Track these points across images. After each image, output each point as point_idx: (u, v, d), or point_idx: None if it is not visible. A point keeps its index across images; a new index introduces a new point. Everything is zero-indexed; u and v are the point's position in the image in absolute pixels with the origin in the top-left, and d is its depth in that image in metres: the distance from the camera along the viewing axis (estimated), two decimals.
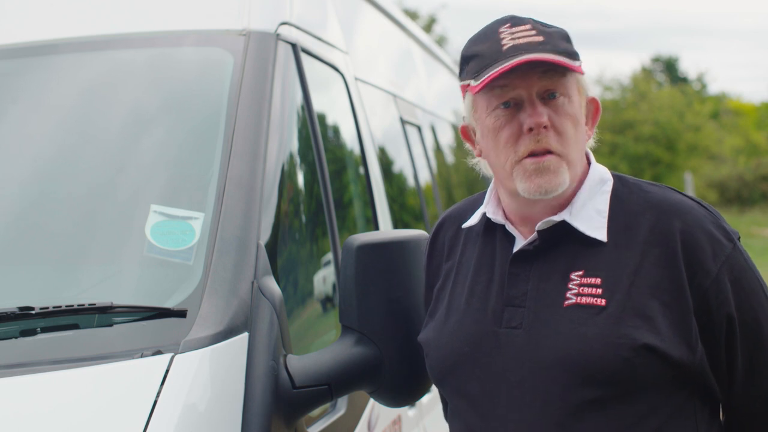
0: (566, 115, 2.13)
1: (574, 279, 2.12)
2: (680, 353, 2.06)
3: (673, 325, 2.07)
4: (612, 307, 2.07)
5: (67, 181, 2.88)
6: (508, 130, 2.14)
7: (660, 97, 38.87)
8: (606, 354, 2.05)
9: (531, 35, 2.13)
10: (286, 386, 2.43)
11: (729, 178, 39.58)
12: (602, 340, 2.05)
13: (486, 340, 2.17)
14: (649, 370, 2.05)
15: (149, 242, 2.60)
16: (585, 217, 2.16)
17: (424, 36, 6.69)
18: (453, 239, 2.36)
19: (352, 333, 2.53)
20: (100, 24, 3.21)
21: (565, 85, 2.14)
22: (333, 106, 3.65)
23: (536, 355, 2.10)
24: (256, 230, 2.60)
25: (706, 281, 2.10)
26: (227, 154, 2.72)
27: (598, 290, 2.09)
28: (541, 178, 2.11)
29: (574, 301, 2.10)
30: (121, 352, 2.33)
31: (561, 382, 2.07)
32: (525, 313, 2.14)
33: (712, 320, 2.11)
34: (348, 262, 2.54)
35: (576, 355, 2.06)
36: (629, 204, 2.18)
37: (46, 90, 3.09)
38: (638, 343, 2.04)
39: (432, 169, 5.47)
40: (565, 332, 2.08)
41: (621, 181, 2.23)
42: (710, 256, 2.11)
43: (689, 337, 2.08)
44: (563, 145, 2.12)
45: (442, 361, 2.25)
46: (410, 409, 3.76)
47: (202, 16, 3.20)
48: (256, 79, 2.91)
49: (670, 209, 2.15)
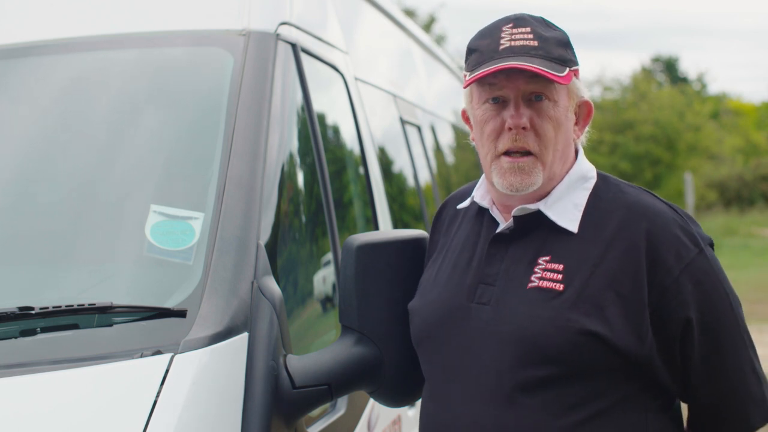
0: (548, 119, 2.27)
1: (540, 264, 2.27)
2: (627, 343, 2.18)
3: (625, 315, 2.19)
4: (568, 293, 2.21)
5: (68, 180, 2.88)
6: (492, 124, 2.30)
7: (660, 97, 38.85)
8: (555, 335, 2.19)
9: (528, 39, 2.27)
10: (286, 386, 2.43)
11: (729, 178, 39.56)
12: (553, 322, 2.19)
13: (458, 313, 2.32)
14: (595, 355, 2.18)
15: (149, 242, 2.60)
16: (560, 209, 2.30)
17: (424, 36, 6.69)
18: (452, 218, 2.53)
19: (352, 333, 2.53)
20: (100, 24, 3.21)
21: (550, 90, 2.27)
22: (333, 106, 3.66)
23: (497, 330, 2.25)
24: (256, 230, 2.60)
25: (667, 280, 2.21)
26: (227, 154, 2.72)
27: (559, 276, 2.24)
28: (514, 177, 2.27)
29: (537, 284, 2.25)
30: (121, 352, 2.33)
31: (515, 356, 2.21)
32: (494, 291, 2.29)
33: (671, 318, 2.22)
34: (348, 262, 2.54)
35: (529, 334, 2.21)
36: (605, 202, 2.31)
37: (46, 90, 3.09)
38: (585, 328, 2.18)
39: (432, 169, 5.47)
40: (524, 312, 2.23)
41: (604, 179, 2.37)
42: (673, 256, 2.23)
43: (640, 329, 2.19)
44: (541, 146, 2.27)
45: (421, 328, 2.40)
46: (410, 409, 3.77)
47: (202, 16, 3.20)
48: (256, 79, 2.91)
49: (641, 210, 2.27)
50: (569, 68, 2.28)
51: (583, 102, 2.37)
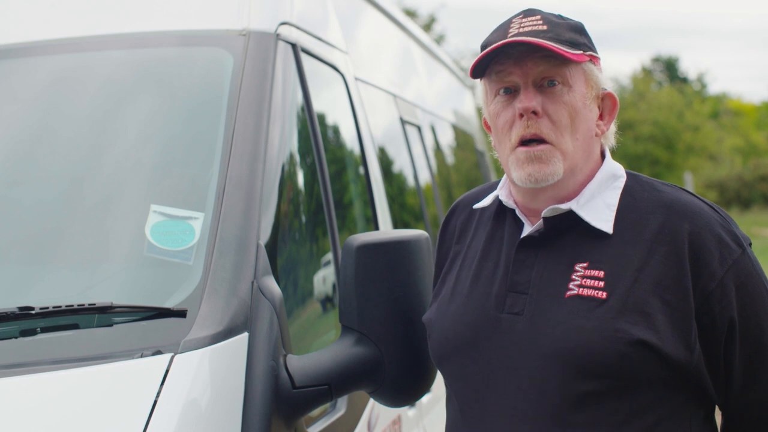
0: (562, 104, 2.13)
1: (578, 270, 2.12)
2: (677, 352, 2.06)
3: (673, 323, 2.07)
4: (612, 300, 2.08)
5: (68, 180, 2.88)
6: (504, 115, 2.17)
7: (659, 96, 38.87)
8: (602, 347, 2.05)
9: (537, 24, 2.14)
10: (286, 386, 2.43)
11: (728, 178, 39.60)
12: (599, 333, 2.06)
13: (487, 325, 2.18)
14: (645, 366, 2.06)
15: (149, 242, 2.60)
16: (593, 209, 2.16)
17: (424, 36, 6.69)
18: (465, 223, 2.39)
19: (352, 333, 2.53)
20: (100, 24, 3.21)
21: (564, 73, 2.14)
22: (333, 106, 3.65)
23: (535, 344, 2.11)
24: (256, 230, 2.60)
25: (711, 284, 2.09)
26: (227, 154, 2.72)
27: (600, 283, 2.10)
28: (532, 167, 2.13)
29: (576, 292, 2.10)
30: (121, 352, 2.33)
31: (558, 372, 2.08)
32: (527, 300, 2.14)
33: (714, 323, 2.10)
34: (348, 262, 2.54)
35: (573, 347, 2.07)
36: (640, 201, 2.18)
37: (46, 90, 3.09)
38: (634, 338, 2.04)
39: (432, 169, 5.47)
40: (565, 323, 2.09)
41: (635, 178, 2.24)
42: (717, 259, 2.10)
43: (688, 337, 2.08)
44: (556, 133, 2.13)
45: (443, 343, 2.27)
46: (410, 409, 3.76)
47: (202, 16, 3.19)
48: (256, 79, 2.91)
49: (681, 210, 2.14)
50: (583, 51, 2.15)
51: (607, 94, 2.22)
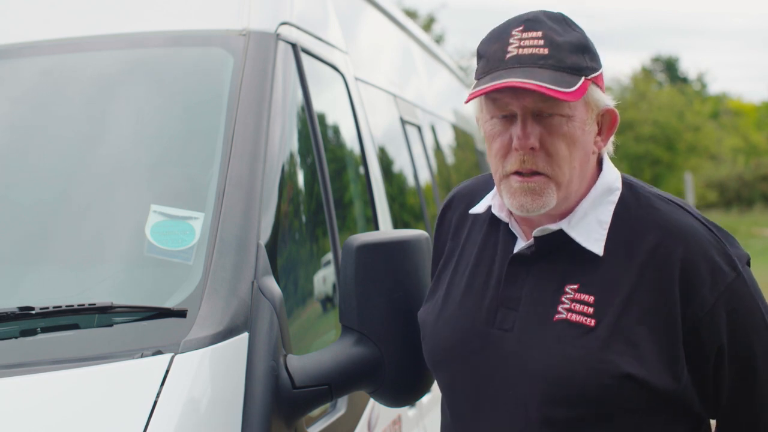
0: (560, 136, 2.08)
1: (567, 293, 2.11)
2: (663, 382, 2.05)
3: (660, 351, 2.05)
4: (600, 329, 2.06)
5: (67, 180, 2.88)
6: (500, 141, 2.12)
7: (659, 97, 38.87)
8: (587, 378, 2.05)
9: (537, 46, 2.07)
10: (286, 386, 2.43)
11: (729, 178, 39.61)
12: (586, 363, 2.05)
13: (477, 339, 2.18)
14: (630, 396, 2.05)
15: (149, 242, 2.60)
16: (584, 228, 2.13)
17: (424, 36, 6.69)
18: (459, 220, 2.37)
19: (352, 333, 2.53)
20: (100, 24, 3.21)
21: (561, 106, 2.07)
22: (333, 106, 3.65)
23: (523, 362, 2.11)
24: (256, 230, 2.59)
25: (700, 312, 2.06)
26: (227, 154, 2.72)
27: (589, 309, 2.08)
28: (525, 198, 2.10)
29: (565, 316, 2.10)
30: (121, 352, 2.33)
31: (543, 394, 2.08)
32: (517, 317, 2.14)
33: (703, 350, 2.08)
34: (348, 262, 2.54)
35: (559, 373, 2.07)
36: (635, 218, 2.14)
37: (45, 90, 3.09)
38: (621, 370, 2.03)
39: (432, 168, 5.47)
40: (552, 347, 2.09)
41: (631, 189, 2.19)
42: (708, 286, 2.07)
43: (675, 365, 2.06)
44: (553, 166, 2.09)
45: (434, 350, 2.29)
46: (410, 409, 3.76)
47: (202, 16, 3.19)
48: (256, 79, 2.91)
49: (676, 233, 2.10)
50: (585, 77, 2.08)
51: (607, 110, 2.16)
